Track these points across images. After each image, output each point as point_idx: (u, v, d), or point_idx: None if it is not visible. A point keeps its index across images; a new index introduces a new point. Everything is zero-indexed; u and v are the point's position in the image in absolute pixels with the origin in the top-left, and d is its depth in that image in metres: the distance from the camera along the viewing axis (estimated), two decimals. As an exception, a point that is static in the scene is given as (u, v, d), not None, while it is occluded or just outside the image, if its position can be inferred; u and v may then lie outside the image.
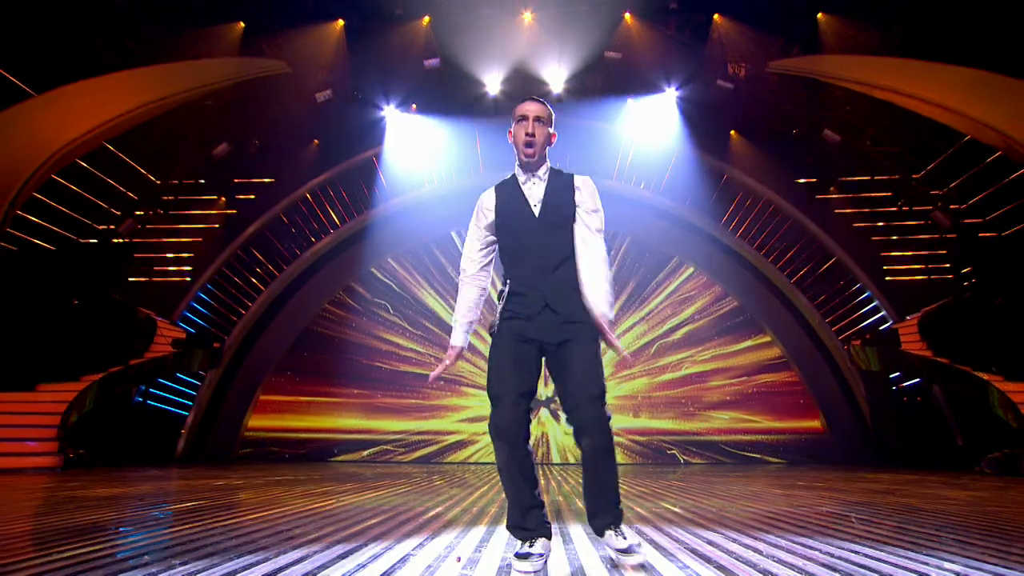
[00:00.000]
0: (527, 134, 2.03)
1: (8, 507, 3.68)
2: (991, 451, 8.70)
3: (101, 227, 10.41)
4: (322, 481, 5.93)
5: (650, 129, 11.67)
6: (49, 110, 9.19)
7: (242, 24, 10.74)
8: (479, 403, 10.91)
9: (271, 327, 11.25)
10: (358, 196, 11.97)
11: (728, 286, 11.24)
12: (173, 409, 10.70)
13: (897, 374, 10.03)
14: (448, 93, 11.71)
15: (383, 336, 11.51)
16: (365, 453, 10.92)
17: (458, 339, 2.08)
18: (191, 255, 11.06)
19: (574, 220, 2.04)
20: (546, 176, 2.10)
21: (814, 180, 10.98)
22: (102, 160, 10.25)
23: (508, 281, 2.03)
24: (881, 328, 10.07)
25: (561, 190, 2.07)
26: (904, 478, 6.52)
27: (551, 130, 2.09)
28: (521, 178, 2.10)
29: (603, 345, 1.99)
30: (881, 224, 10.58)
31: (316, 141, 11.85)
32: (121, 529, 2.76)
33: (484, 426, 10.81)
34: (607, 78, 11.74)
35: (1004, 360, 9.14)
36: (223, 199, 11.29)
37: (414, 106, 11.77)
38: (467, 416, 11.14)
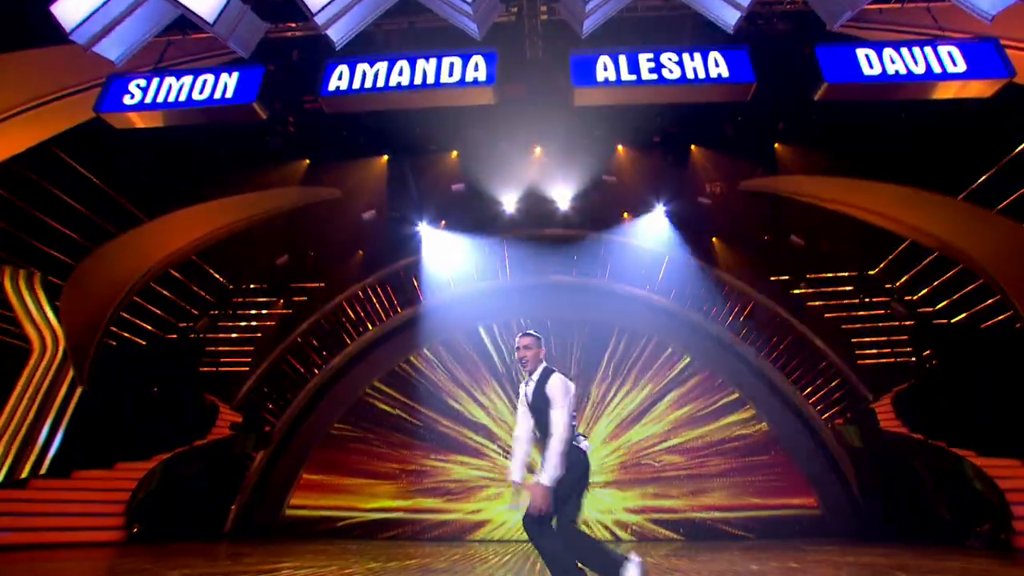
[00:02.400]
0: (519, 359, 3.41)
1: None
2: (977, 525, 9.35)
3: (182, 324, 12.36)
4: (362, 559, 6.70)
5: (645, 238, 13.70)
6: (156, 232, 11.50)
7: (307, 161, 13.40)
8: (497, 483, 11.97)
9: (316, 413, 12.70)
10: (396, 297, 13.93)
11: (721, 373, 12.57)
12: (225, 487, 11.88)
13: (879, 451, 10.96)
14: (472, 211, 13.99)
15: (417, 420, 12.83)
16: (393, 532, 11.79)
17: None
18: (252, 348, 12.85)
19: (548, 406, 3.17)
20: (536, 377, 3.32)
21: (786, 277, 12.69)
22: (187, 268, 12.44)
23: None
24: (860, 407, 11.20)
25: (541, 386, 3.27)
26: (899, 555, 6.93)
27: (538, 349, 3.38)
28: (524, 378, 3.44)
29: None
30: (847, 314, 12.08)
31: (361, 252, 14.06)
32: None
33: (500, 503, 11.82)
34: (606, 197, 13.98)
35: (976, 436, 10.07)
36: (281, 301, 13.31)
37: (443, 222, 14.04)
38: (488, 495, 12.11)
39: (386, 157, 13.49)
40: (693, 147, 12.91)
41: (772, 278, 12.84)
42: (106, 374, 11.13)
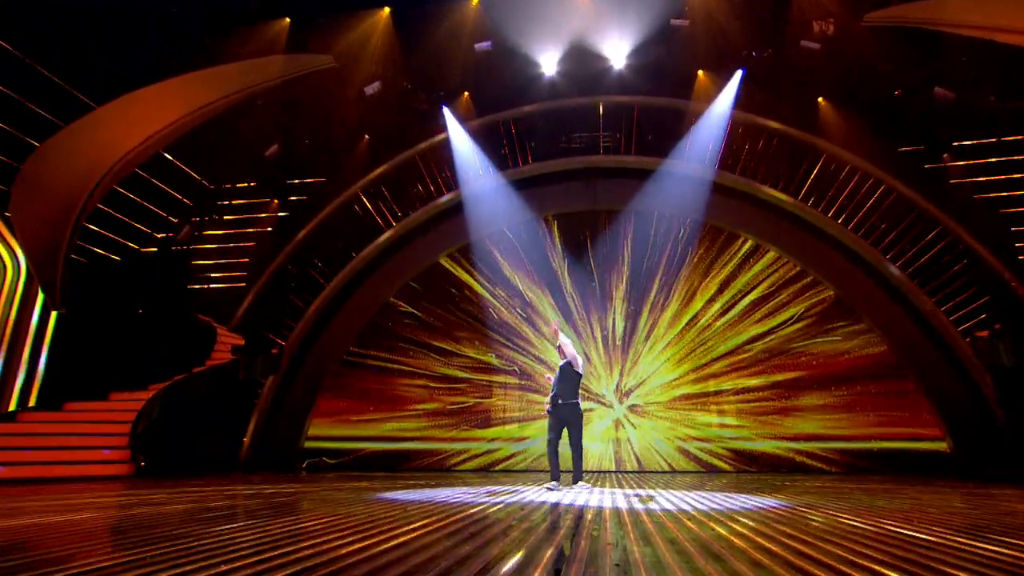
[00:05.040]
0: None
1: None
2: None
3: (160, 235, 10.45)
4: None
5: (724, 101, 10.54)
6: (110, 121, 9.18)
7: (288, 20, 10.47)
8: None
9: (330, 332, 10.96)
10: (413, 191, 11.49)
11: (825, 275, 9.95)
12: (236, 416, 10.59)
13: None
14: (502, 77, 11.00)
15: (440, 337, 10.99)
16: (420, 462, 10.44)
17: None
18: (246, 260, 10.94)
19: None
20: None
21: (921, 148, 9.51)
22: (158, 167, 10.23)
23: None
24: (1015, 316, 8.57)
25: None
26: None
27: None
28: None
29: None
30: (1011, 194, 9.00)
31: (367, 136, 11.44)
32: None
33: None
34: (674, 50, 10.66)
35: None
36: (275, 201, 11.09)
37: (466, 93, 11.14)
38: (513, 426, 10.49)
39: (387, 10, 10.50)
40: (800, -32, 9.40)
41: (900, 148, 9.69)
42: (82, 295, 9.51)
